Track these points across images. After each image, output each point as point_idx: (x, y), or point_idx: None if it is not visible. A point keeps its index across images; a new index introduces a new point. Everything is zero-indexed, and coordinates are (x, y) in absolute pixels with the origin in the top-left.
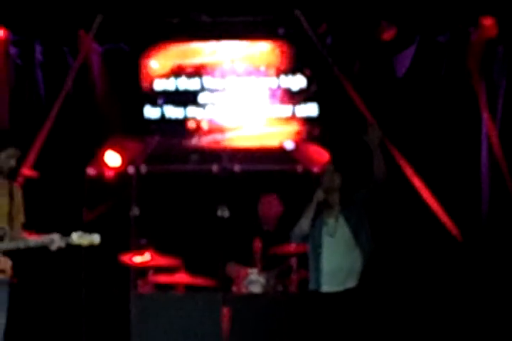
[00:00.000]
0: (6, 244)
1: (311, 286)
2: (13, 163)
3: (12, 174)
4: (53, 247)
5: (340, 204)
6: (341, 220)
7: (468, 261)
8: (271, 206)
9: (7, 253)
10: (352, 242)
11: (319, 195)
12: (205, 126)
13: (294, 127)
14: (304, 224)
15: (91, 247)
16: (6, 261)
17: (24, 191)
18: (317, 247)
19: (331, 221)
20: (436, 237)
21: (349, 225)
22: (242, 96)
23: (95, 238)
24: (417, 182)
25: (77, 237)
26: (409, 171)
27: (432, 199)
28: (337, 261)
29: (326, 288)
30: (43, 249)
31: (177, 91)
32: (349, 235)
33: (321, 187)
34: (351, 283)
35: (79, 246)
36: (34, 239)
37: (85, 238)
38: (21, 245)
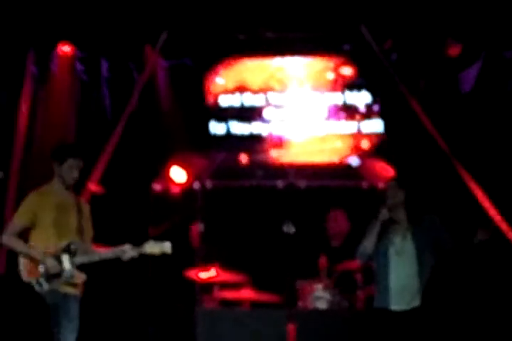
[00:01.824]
0: (81, 258)
1: (378, 304)
2: (75, 174)
3: (78, 189)
4: (125, 257)
5: (408, 221)
6: (408, 238)
7: None
8: (338, 221)
9: (81, 267)
10: (417, 260)
11: (384, 214)
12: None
13: (359, 143)
14: (369, 243)
15: (157, 263)
16: (80, 276)
17: (90, 206)
18: (384, 266)
19: (397, 239)
20: (500, 252)
21: (416, 243)
22: (307, 112)
23: (167, 246)
24: (482, 198)
25: (149, 246)
26: (474, 186)
27: (496, 214)
28: (405, 280)
29: (394, 306)
30: (109, 263)
31: (242, 107)
32: (415, 253)
33: (386, 206)
34: (417, 302)
35: (149, 257)
36: (106, 252)
37: (157, 246)
38: (95, 258)
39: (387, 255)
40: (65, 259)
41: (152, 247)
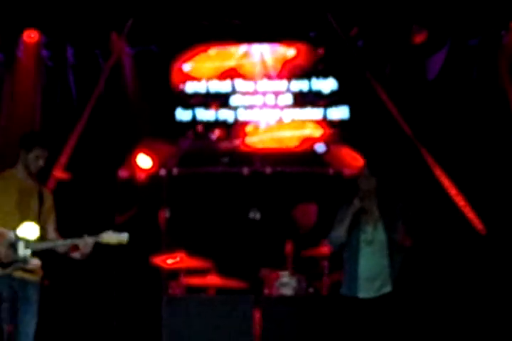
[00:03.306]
0: (36, 245)
1: (345, 291)
2: (41, 163)
3: (44, 176)
4: (82, 246)
5: (379, 209)
6: (380, 227)
7: (496, 262)
8: (308, 215)
9: (37, 253)
10: (387, 250)
11: (356, 205)
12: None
13: (325, 130)
14: (341, 232)
15: (123, 249)
16: (35, 263)
17: (56, 193)
18: (354, 254)
19: (369, 228)
20: (465, 239)
21: (386, 232)
22: (272, 98)
23: (124, 237)
24: (447, 184)
25: (106, 236)
26: (438, 172)
27: (461, 201)
28: (374, 268)
29: (362, 294)
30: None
31: (208, 94)
32: (385, 243)
33: (358, 196)
34: (386, 289)
35: (109, 246)
36: (64, 240)
37: (114, 237)
38: (51, 245)
39: (357, 244)
40: (20, 246)
41: (109, 237)
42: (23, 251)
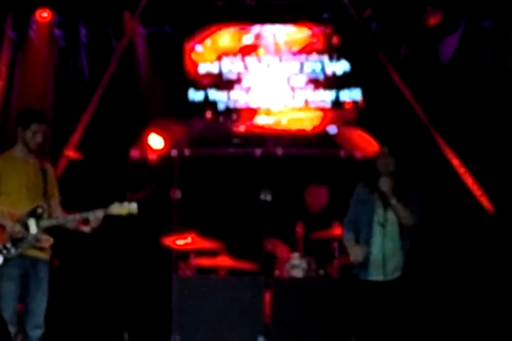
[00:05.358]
0: (47, 221)
1: (357, 272)
2: (39, 138)
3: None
4: (92, 220)
5: (393, 192)
6: (391, 209)
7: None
8: (317, 197)
9: (48, 230)
10: (399, 232)
11: (386, 183)
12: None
13: (337, 112)
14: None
15: (133, 229)
16: (47, 240)
17: (67, 173)
18: (368, 235)
19: (380, 210)
20: (475, 219)
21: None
22: (285, 80)
23: (133, 207)
24: (459, 167)
25: (115, 207)
26: (451, 156)
27: (473, 184)
28: (387, 250)
29: (372, 277)
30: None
31: (221, 75)
32: (397, 225)
33: (384, 176)
34: (398, 273)
35: (120, 226)
36: (73, 215)
37: (123, 207)
38: (61, 221)
39: (371, 225)
40: (32, 223)
41: (119, 208)
42: (34, 229)
